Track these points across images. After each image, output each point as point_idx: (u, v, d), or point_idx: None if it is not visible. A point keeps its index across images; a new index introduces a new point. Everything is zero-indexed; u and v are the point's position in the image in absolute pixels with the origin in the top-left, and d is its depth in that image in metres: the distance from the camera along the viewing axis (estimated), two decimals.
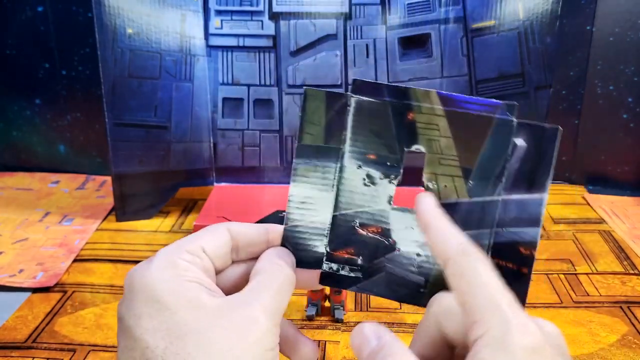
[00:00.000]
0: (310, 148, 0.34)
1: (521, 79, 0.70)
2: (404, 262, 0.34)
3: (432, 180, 0.33)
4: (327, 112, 0.34)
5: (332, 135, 0.34)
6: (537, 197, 0.32)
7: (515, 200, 0.32)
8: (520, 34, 0.69)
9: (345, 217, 0.34)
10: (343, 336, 0.53)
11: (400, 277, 0.35)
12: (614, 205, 0.80)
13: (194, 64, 0.74)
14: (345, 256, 0.35)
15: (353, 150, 0.34)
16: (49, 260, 0.66)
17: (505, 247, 0.32)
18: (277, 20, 0.73)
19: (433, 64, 0.72)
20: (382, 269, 0.35)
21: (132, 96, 0.71)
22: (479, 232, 0.33)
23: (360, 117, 0.34)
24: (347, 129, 0.34)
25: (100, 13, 0.67)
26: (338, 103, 0.33)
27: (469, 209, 0.33)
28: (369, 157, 0.34)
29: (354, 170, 0.34)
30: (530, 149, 0.32)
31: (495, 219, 0.33)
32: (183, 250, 0.31)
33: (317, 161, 0.34)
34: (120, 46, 0.69)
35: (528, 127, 0.32)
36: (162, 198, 0.77)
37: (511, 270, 0.32)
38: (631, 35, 0.78)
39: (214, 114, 0.76)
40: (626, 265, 0.65)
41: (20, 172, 0.91)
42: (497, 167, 0.32)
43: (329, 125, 0.34)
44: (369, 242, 0.35)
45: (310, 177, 0.35)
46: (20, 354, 0.51)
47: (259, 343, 0.29)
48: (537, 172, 0.32)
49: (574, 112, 0.82)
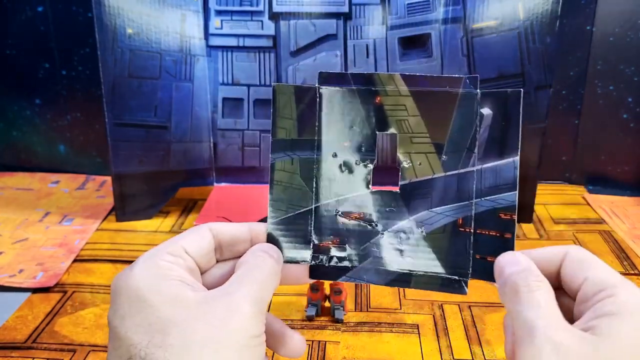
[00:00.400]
0: (284, 142, 0.35)
1: (521, 79, 0.70)
2: (389, 244, 0.35)
3: (406, 159, 0.34)
4: (297, 106, 0.34)
5: (305, 128, 0.34)
6: (510, 161, 0.33)
7: (490, 168, 0.33)
8: (520, 34, 0.69)
9: (327, 207, 0.35)
10: (343, 336, 0.53)
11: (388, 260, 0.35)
12: (614, 205, 0.80)
13: (194, 64, 0.74)
14: (331, 246, 0.35)
15: (327, 140, 0.34)
16: (49, 260, 0.66)
17: (486, 217, 0.33)
18: (277, 20, 0.73)
19: (433, 64, 0.72)
20: (369, 254, 0.35)
21: (132, 96, 0.71)
22: (459, 205, 0.34)
23: (330, 107, 0.34)
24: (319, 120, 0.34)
25: (100, 13, 0.67)
26: (307, 95, 0.34)
27: (446, 183, 0.34)
28: (344, 145, 0.34)
29: (329, 160, 0.35)
30: (496, 116, 0.33)
31: (472, 190, 0.33)
32: (164, 252, 0.32)
33: (293, 154, 0.35)
34: (120, 46, 0.69)
35: (491, 95, 0.33)
36: (162, 198, 0.77)
37: (495, 237, 0.33)
38: (631, 35, 0.78)
39: (214, 114, 0.76)
40: (626, 266, 0.65)
41: (20, 172, 0.91)
42: (468, 139, 0.33)
43: (301, 118, 0.34)
44: (353, 229, 0.35)
45: (289, 170, 0.35)
46: (20, 354, 0.51)
47: (242, 330, 0.29)
48: (506, 136, 0.33)
49: (574, 112, 0.82)
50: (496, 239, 0.33)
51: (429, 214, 0.34)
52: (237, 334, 0.29)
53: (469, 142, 0.33)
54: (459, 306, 0.57)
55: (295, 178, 0.35)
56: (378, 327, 0.54)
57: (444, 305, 0.57)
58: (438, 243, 0.34)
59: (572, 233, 0.72)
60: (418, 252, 0.34)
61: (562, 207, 0.79)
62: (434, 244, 0.34)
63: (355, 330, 0.54)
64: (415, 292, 0.60)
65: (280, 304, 0.57)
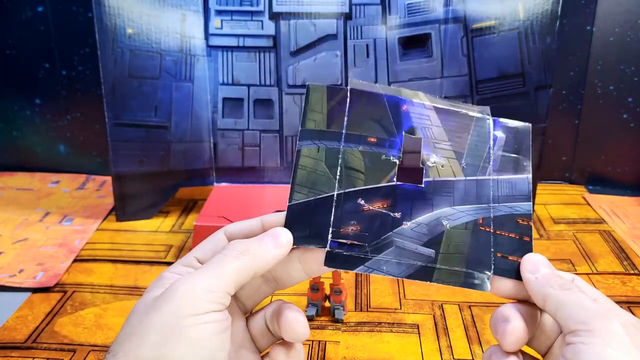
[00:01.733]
0: (313, 132, 0.37)
1: (521, 79, 0.70)
2: (412, 235, 0.35)
3: (430, 159, 0.37)
4: (328, 102, 0.37)
5: (334, 121, 0.37)
6: (523, 177, 0.37)
7: (505, 180, 0.37)
8: (520, 34, 0.69)
9: (350, 195, 0.36)
10: (343, 336, 0.53)
11: (410, 252, 0.35)
12: (614, 205, 0.80)
13: (194, 64, 0.74)
14: (351, 233, 0.35)
15: (354, 134, 0.37)
16: (49, 260, 0.66)
17: (504, 220, 0.36)
18: (277, 20, 0.73)
19: (433, 64, 0.72)
20: (391, 244, 0.35)
21: (132, 96, 0.71)
22: (478, 207, 0.36)
23: (359, 106, 0.37)
24: (347, 115, 0.37)
25: (100, 13, 0.67)
26: (339, 94, 0.37)
27: (466, 186, 0.37)
28: (370, 140, 0.37)
29: (355, 152, 0.37)
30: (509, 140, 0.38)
31: (490, 196, 0.37)
32: (177, 264, 0.34)
33: (320, 143, 0.37)
34: (120, 46, 0.69)
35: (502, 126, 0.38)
36: (162, 198, 0.77)
37: (514, 239, 0.36)
38: (631, 35, 0.78)
39: (214, 114, 0.76)
40: (626, 266, 0.65)
41: (20, 172, 0.91)
42: (484, 153, 0.37)
43: (331, 113, 0.37)
44: (375, 218, 0.35)
45: (315, 157, 0.36)
46: (20, 354, 0.51)
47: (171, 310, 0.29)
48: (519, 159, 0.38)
49: (574, 112, 0.82)
50: (515, 240, 0.36)
51: (451, 210, 0.36)
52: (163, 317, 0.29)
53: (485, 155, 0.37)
54: (459, 306, 0.57)
55: (320, 165, 0.36)
56: (378, 327, 0.54)
57: (444, 305, 0.57)
58: (461, 239, 0.35)
59: (572, 233, 0.72)
60: (441, 246, 0.35)
61: (562, 207, 0.79)
62: (457, 239, 0.35)
63: (355, 330, 0.54)
64: (415, 292, 0.60)
65: None
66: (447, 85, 0.72)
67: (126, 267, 0.65)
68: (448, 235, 0.35)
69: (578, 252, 0.68)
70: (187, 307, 0.30)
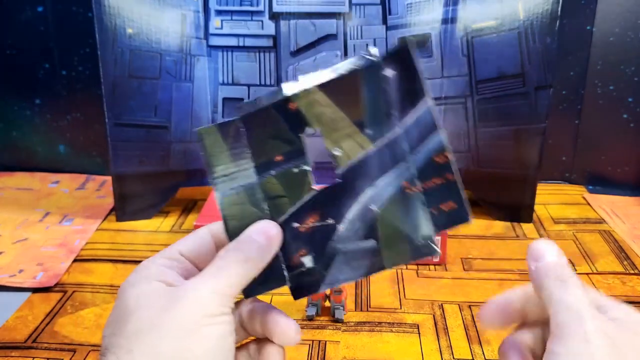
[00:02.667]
0: (225, 179, 0.35)
1: (521, 79, 0.70)
2: (349, 235, 0.35)
3: (335, 147, 0.35)
4: (225, 141, 0.35)
5: (239, 159, 0.35)
6: (423, 107, 0.33)
7: (410, 121, 0.34)
8: (520, 34, 0.69)
9: (285, 223, 0.35)
10: (343, 336, 0.53)
11: (355, 252, 0.35)
12: (614, 205, 0.80)
13: (194, 64, 0.74)
14: (301, 259, 0.35)
15: (262, 162, 0.35)
16: (49, 260, 0.66)
17: (425, 169, 0.34)
18: (277, 20, 0.73)
19: (433, 64, 0.72)
20: (336, 252, 0.35)
21: (132, 96, 0.71)
22: (397, 169, 0.34)
23: (255, 130, 0.35)
24: (249, 146, 0.35)
25: (100, 13, 0.67)
26: (230, 128, 0.35)
27: (379, 153, 0.34)
28: (278, 159, 0.35)
29: (271, 178, 0.35)
30: (399, 72, 0.34)
31: (404, 150, 0.34)
32: (160, 257, 0.34)
33: (236, 187, 0.35)
34: (120, 46, 0.69)
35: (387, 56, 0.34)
36: (162, 198, 0.77)
37: (441, 184, 0.33)
38: (631, 35, 0.78)
39: (214, 114, 0.76)
40: (626, 265, 0.65)
41: (20, 172, 0.91)
42: (383, 106, 0.34)
43: (233, 150, 0.35)
44: (313, 235, 0.35)
45: (239, 203, 0.35)
46: (20, 354, 0.51)
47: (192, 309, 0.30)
48: (413, 86, 0.33)
49: (574, 112, 0.82)
50: (442, 185, 0.33)
51: (374, 189, 0.34)
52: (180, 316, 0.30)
53: (384, 108, 0.34)
54: (459, 306, 0.57)
55: (246, 208, 0.35)
56: (378, 327, 0.54)
57: (444, 305, 0.57)
58: (393, 214, 0.34)
59: (572, 233, 0.72)
60: (379, 231, 0.34)
61: (562, 207, 0.79)
62: (390, 217, 0.34)
63: (355, 330, 0.54)
64: (415, 292, 0.60)
65: (281, 304, 0.56)
66: (447, 85, 0.72)
67: (126, 267, 0.65)
68: (380, 218, 0.34)
69: (578, 252, 0.68)
70: (204, 307, 0.31)
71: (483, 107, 0.72)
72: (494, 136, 0.72)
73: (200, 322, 0.30)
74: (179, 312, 0.30)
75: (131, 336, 0.30)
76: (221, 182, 0.35)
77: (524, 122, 0.71)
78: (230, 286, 0.32)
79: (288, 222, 0.35)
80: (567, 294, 0.30)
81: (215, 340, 0.31)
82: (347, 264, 0.35)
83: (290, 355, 0.50)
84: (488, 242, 0.70)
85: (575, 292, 0.30)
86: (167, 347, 0.30)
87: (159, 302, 0.31)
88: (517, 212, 0.75)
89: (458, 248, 0.68)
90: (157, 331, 0.30)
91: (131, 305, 0.31)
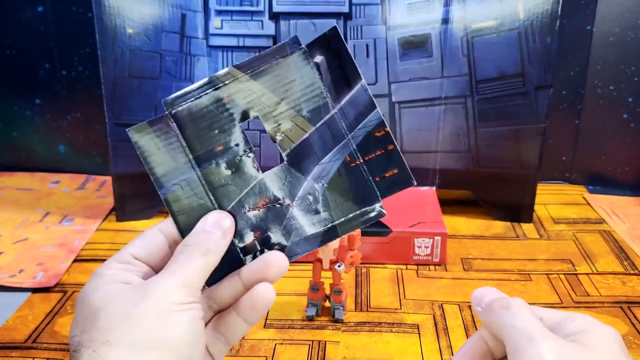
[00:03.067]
0: (165, 176, 0.37)
1: (521, 79, 0.70)
2: (303, 212, 0.37)
3: (277, 132, 0.37)
4: (159, 137, 0.36)
5: (176, 154, 0.36)
6: (358, 87, 0.36)
7: (346, 102, 0.36)
8: (520, 34, 0.69)
9: (234, 209, 0.37)
10: (343, 336, 0.53)
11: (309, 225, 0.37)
12: (614, 205, 0.80)
13: (194, 64, 0.74)
14: (255, 241, 0.37)
15: (201, 153, 0.36)
16: (49, 260, 0.66)
17: (365, 143, 0.36)
18: (277, 20, 0.73)
19: (433, 64, 0.72)
20: (291, 229, 0.37)
21: (132, 96, 0.71)
22: (340, 147, 0.36)
23: (187, 124, 0.36)
24: (183, 140, 0.36)
25: (100, 13, 0.67)
26: (162, 124, 0.36)
27: (320, 134, 0.37)
28: (218, 150, 0.36)
29: (213, 168, 0.36)
30: (328, 58, 0.36)
31: (343, 128, 0.36)
32: (112, 261, 0.35)
33: (178, 181, 0.36)
34: (120, 46, 0.69)
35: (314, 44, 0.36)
36: None
37: (382, 155, 0.36)
38: (631, 35, 0.78)
39: None
40: (626, 266, 0.65)
41: (20, 172, 0.91)
42: (317, 89, 0.36)
43: (168, 146, 0.36)
44: (266, 216, 0.37)
45: (184, 197, 0.36)
46: (20, 354, 0.51)
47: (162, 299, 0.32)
48: (345, 69, 0.36)
49: (574, 112, 0.82)
50: (383, 155, 0.36)
51: (320, 167, 0.37)
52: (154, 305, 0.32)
53: (318, 91, 0.36)
54: (459, 306, 0.57)
55: (193, 201, 0.36)
56: (378, 327, 0.54)
57: (444, 305, 0.58)
58: (341, 187, 0.37)
59: (572, 233, 0.72)
60: (330, 204, 0.37)
61: (562, 207, 0.79)
62: (339, 189, 0.37)
63: (355, 330, 0.54)
64: (416, 292, 0.60)
65: (281, 304, 0.57)
66: (447, 85, 0.72)
67: None
68: (330, 191, 0.37)
69: (578, 252, 0.68)
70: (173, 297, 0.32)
71: (483, 107, 0.72)
72: (494, 136, 0.72)
73: (171, 310, 0.32)
74: (150, 303, 0.32)
75: (105, 329, 0.31)
76: (161, 179, 0.37)
77: (524, 122, 0.71)
78: (194, 277, 0.33)
79: (238, 209, 0.36)
80: (514, 319, 0.31)
81: (187, 325, 0.32)
82: (303, 238, 0.37)
83: (290, 355, 0.51)
84: (488, 242, 0.70)
85: (521, 314, 0.31)
86: (142, 334, 0.31)
87: (128, 297, 0.32)
88: (517, 212, 0.75)
89: (458, 248, 0.68)
90: (131, 321, 0.31)
91: (98, 304, 0.32)
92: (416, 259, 0.65)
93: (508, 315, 0.32)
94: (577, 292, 0.60)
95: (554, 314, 0.33)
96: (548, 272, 0.63)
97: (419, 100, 0.73)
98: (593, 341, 0.30)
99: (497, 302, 0.33)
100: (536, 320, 0.31)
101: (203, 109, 0.36)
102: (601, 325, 0.32)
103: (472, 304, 0.35)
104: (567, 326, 0.32)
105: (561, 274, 0.63)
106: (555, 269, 0.64)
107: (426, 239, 0.64)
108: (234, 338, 0.37)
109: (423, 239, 0.64)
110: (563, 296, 0.59)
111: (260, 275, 0.36)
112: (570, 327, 0.31)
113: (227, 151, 0.36)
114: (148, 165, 0.36)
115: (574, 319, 0.32)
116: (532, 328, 0.30)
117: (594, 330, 0.31)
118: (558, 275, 0.63)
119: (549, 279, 0.62)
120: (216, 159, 0.36)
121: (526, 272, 0.64)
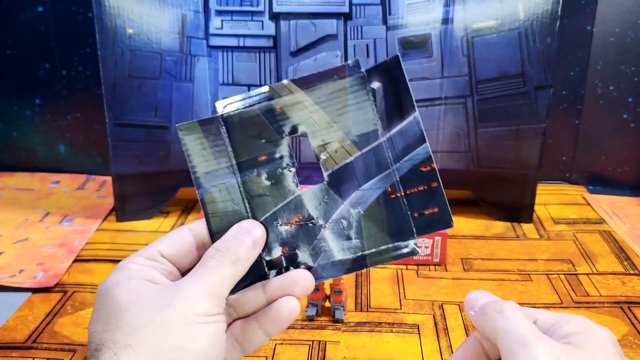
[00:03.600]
0: (207, 176, 0.36)
1: (521, 79, 0.70)
2: (334, 235, 0.36)
3: (322, 151, 0.36)
4: (206, 138, 0.36)
5: (220, 155, 0.36)
6: (411, 119, 0.35)
7: (397, 132, 0.36)
8: (520, 34, 0.69)
9: (267, 221, 0.36)
10: (343, 336, 0.53)
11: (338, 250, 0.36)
12: (614, 205, 0.80)
13: (194, 64, 0.74)
14: (282, 257, 0.36)
15: (244, 160, 0.36)
16: (49, 260, 0.66)
17: (409, 176, 0.36)
18: (278, 20, 0.73)
19: (433, 64, 0.72)
20: (319, 251, 0.36)
21: (132, 96, 0.71)
22: (382, 176, 0.36)
23: (236, 129, 0.36)
24: (230, 144, 0.36)
25: (100, 13, 0.67)
26: (212, 126, 0.36)
27: (364, 160, 0.36)
28: (261, 159, 0.36)
29: (253, 177, 0.36)
30: (385, 85, 0.35)
31: (389, 158, 0.36)
32: (139, 256, 0.34)
33: (217, 183, 0.36)
34: (120, 46, 0.69)
35: (374, 69, 0.35)
36: (162, 198, 0.77)
37: (424, 191, 0.36)
38: (631, 35, 0.78)
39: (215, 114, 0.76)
40: (626, 266, 0.65)
41: (20, 172, 0.91)
42: (369, 114, 0.36)
43: (214, 148, 0.36)
44: (297, 233, 0.36)
45: (220, 200, 0.36)
46: (20, 354, 0.51)
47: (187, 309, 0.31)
48: (400, 99, 0.35)
49: (574, 112, 0.82)
50: (425, 192, 0.35)
51: (359, 193, 0.36)
52: (181, 313, 0.31)
53: (371, 116, 0.36)
54: (459, 306, 0.57)
55: (228, 205, 0.36)
56: (378, 327, 0.54)
57: (444, 305, 0.58)
58: (377, 217, 0.36)
59: (572, 233, 0.72)
60: (363, 232, 0.36)
61: (562, 207, 0.79)
62: (374, 219, 0.36)
63: (355, 330, 0.54)
64: (416, 292, 0.60)
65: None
66: (447, 85, 0.72)
67: None
68: (365, 219, 0.36)
69: (578, 252, 0.68)
70: (202, 306, 0.32)
71: (483, 107, 0.72)
72: (494, 136, 0.72)
73: (198, 320, 0.31)
74: (177, 310, 0.31)
75: (129, 331, 0.30)
76: (202, 179, 0.36)
77: (524, 122, 0.71)
78: (222, 286, 0.33)
79: (270, 221, 0.36)
80: (507, 322, 0.31)
81: (211, 338, 0.32)
82: (330, 262, 0.36)
83: (290, 355, 0.51)
84: (488, 242, 0.70)
85: (515, 318, 0.31)
86: (165, 342, 0.30)
87: (154, 300, 0.31)
88: (517, 212, 0.75)
89: (458, 248, 0.68)
90: (157, 327, 0.31)
91: (122, 302, 0.31)
92: (416, 259, 0.65)
93: (501, 318, 0.32)
94: (577, 292, 0.60)
95: (548, 315, 0.33)
96: (548, 272, 0.63)
97: (419, 100, 0.73)
98: (588, 343, 0.30)
99: (490, 305, 0.33)
100: (530, 324, 0.31)
101: (254, 117, 0.36)
102: (596, 327, 0.31)
103: (465, 307, 0.35)
104: (562, 328, 0.32)
105: (561, 274, 0.63)
106: (556, 269, 0.64)
107: (426, 239, 0.64)
108: (250, 348, 0.36)
109: (423, 239, 0.64)
110: (563, 296, 0.59)
111: (286, 291, 0.35)
112: (565, 329, 0.31)
113: (270, 162, 0.36)
114: (191, 163, 0.36)
115: (569, 321, 0.32)
116: (526, 331, 0.30)
117: (589, 332, 0.31)
118: (558, 275, 0.63)
119: (549, 279, 0.62)
120: (258, 168, 0.36)
121: (526, 272, 0.64)
